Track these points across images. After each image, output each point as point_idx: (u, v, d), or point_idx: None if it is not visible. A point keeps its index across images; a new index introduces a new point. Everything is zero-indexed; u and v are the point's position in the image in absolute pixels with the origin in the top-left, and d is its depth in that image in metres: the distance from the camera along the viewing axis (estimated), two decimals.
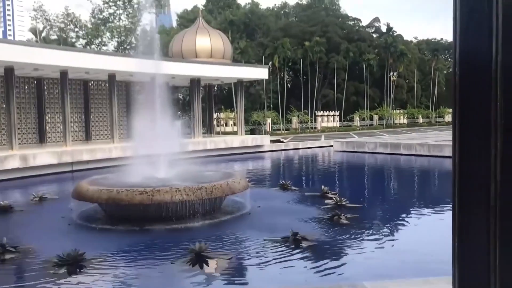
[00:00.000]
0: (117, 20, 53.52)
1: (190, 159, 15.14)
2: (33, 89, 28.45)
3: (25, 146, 26.38)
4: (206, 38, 36.90)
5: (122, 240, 9.77)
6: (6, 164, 20.86)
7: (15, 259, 8.50)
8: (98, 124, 32.06)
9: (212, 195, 10.93)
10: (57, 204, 14.08)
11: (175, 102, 31.79)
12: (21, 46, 24.00)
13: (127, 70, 26.90)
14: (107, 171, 17.03)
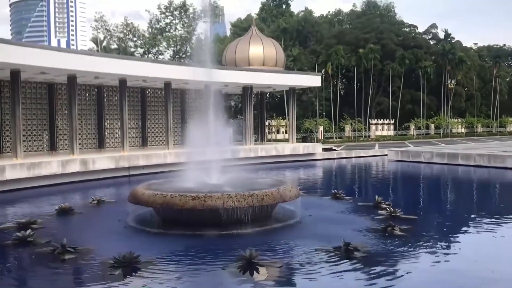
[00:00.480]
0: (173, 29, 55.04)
1: (241, 166, 15.26)
2: (94, 96, 29.72)
3: (85, 151, 27.55)
4: (259, 46, 37.23)
5: (175, 244, 9.97)
6: (68, 168, 21.86)
7: (74, 259, 8.86)
8: (154, 130, 33.01)
9: (263, 202, 10.95)
10: (114, 207, 14.58)
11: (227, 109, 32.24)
12: (83, 55, 25.16)
13: (182, 78, 27.59)
14: (161, 176, 17.52)
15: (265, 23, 69.02)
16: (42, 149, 27.56)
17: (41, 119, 27.44)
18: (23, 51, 20.57)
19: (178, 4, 54.02)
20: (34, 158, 22.19)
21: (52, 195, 18.99)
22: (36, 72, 23.29)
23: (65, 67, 22.33)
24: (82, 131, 28.80)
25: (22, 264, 9.38)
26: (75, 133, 24.47)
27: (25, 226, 11.32)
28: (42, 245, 9.83)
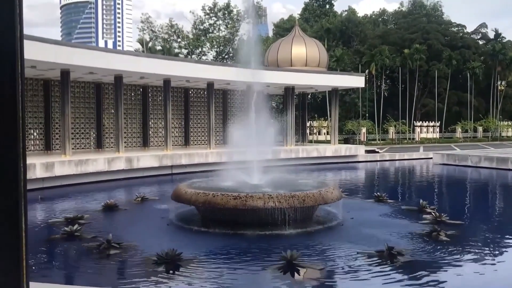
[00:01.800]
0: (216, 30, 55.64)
1: (282, 166, 15.24)
2: (139, 96, 30.44)
3: (130, 149, 28.25)
4: (301, 47, 37.06)
5: (216, 243, 10.06)
6: (113, 166, 22.49)
7: (118, 254, 9.10)
8: (196, 130, 33.47)
9: (304, 203, 10.89)
10: (158, 205, 14.88)
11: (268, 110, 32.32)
12: (130, 56, 25.81)
13: (224, 78, 27.85)
14: (203, 175, 17.73)
15: (308, 23, 68.66)
16: (89, 146, 28.46)
17: (88, 117, 28.35)
18: (73, 52, 21.32)
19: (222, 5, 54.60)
20: (81, 155, 22.96)
21: (98, 191, 19.57)
22: (84, 72, 24.08)
23: (112, 67, 22.98)
24: (128, 129, 29.54)
25: (70, 257, 9.71)
26: (121, 131, 25.13)
27: (73, 221, 11.71)
28: (89, 240, 10.15)
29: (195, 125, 33.39)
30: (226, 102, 34.29)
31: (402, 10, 78.50)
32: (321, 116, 57.66)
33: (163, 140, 28.62)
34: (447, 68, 61.93)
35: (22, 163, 2.12)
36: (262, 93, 19.00)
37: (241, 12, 54.05)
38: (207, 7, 54.09)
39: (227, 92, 33.98)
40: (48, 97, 25.86)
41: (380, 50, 57.77)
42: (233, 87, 32.26)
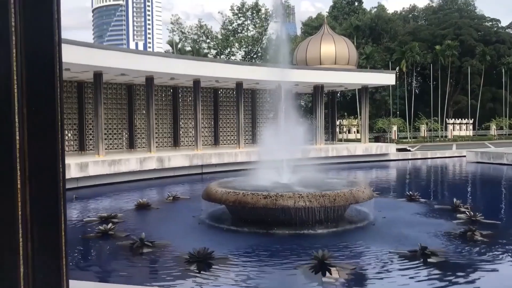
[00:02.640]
0: (245, 30, 55.77)
1: (312, 165, 15.16)
2: (169, 96, 30.83)
3: (161, 149, 28.64)
4: (330, 45, 36.79)
5: (247, 242, 10.10)
6: (145, 165, 22.86)
7: (151, 253, 9.25)
8: (226, 129, 33.66)
9: (335, 203, 10.82)
10: (189, 204, 15.04)
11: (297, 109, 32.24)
12: (160, 57, 26.16)
13: (253, 78, 27.92)
14: (233, 174, 17.82)
15: (337, 21, 68.07)
16: (122, 147, 28.99)
17: (120, 118, 28.89)
18: (105, 54, 21.77)
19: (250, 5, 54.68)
20: (114, 155, 23.42)
21: (130, 190, 19.93)
22: (116, 74, 24.54)
23: (143, 68, 23.35)
24: (159, 130, 29.96)
25: (104, 255, 9.93)
26: (152, 131, 25.52)
27: (107, 220, 11.96)
28: (122, 239, 10.35)
29: (224, 125, 33.59)
30: (255, 101, 34.36)
31: (433, 6, 76.94)
32: (351, 114, 57.08)
33: (193, 140, 28.91)
34: (480, 64, 60.37)
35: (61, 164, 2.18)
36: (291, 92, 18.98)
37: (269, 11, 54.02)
38: (236, 7, 54.30)
39: (256, 91, 34.04)
40: (82, 98, 26.48)
41: (410, 47, 56.77)
42: (262, 87, 32.29)
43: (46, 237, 2.12)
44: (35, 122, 2.04)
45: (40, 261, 2.07)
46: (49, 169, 2.12)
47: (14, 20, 1.96)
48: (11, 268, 1.99)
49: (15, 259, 1.98)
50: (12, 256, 1.97)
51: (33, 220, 2.03)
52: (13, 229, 1.97)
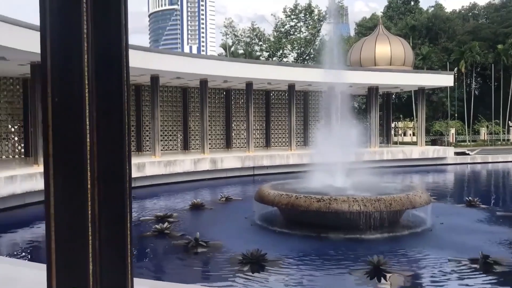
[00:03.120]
0: (297, 32, 55.60)
1: (366, 169, 14.88)
2: (222, 99, 31.24)
3: (214, 151, 29.06)
4: (385, 45, 36.01)
5: (300, 245, 10.04)
6: (199, 166, 23.28)
7: (205, 253, 9.39)
8: (277, 131, 33.68)
9: (391, 207, 10.55)
10: (241, 205, 15.16)
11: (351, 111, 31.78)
12: (214, 61, 26.57)
13: (306, 80, 27.77)
14: (284, 176, 17.80)
15: (392, 21, 66.50)
16: (177, 148, 29.68)
17: (176, 120, 29.58)
18: (162, 58, 22.36)
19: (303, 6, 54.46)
20: (169, 156, 23.99)
21: (184, 191, 20.35)
22: (172, 77, 25.15)
23: (198, 72, 23.80)
24: (212, 131, 30.43)
25: (160, 254, 10.18)
26: (205, 133, 25.95)
27: (162, 219, 12.27)
28: (177, 238, 10.57)
29: (276, 127, 33.62)
30: (307, 103, 34.17)
31: (495, 4, 73.49)
32: (407, 117, 55.54)
33: (245, 141, 29.14)
34: None
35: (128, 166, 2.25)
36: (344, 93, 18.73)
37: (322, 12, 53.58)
38: (288, 9, 54.23)
39: (308, 93, 33.85)
40: (139, 101, 27.32)
41: (470, 47, 54.52)
42: (314, 88, 32.07)
43: (112, 236, 2.19)
44: (104, 125, 2.11)
45: (107, 259, 2.13)
46: (116, 170, 2.18)
47: (86, 27, 2.04)
48: (81, 266, 2.06)
49: (85, 257, 2.06)
50: (82, 254, 2.05)
51: (100, 219, 2.11)
52: (83, 228, 2.05)
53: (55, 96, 2.01)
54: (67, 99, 2.01)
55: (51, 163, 2.02)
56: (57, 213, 2.06)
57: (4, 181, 14.41)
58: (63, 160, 2.03)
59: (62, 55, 2.02)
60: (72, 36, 2.01)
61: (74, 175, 2.03)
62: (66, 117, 2.02)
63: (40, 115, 18.35)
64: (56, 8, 2.01)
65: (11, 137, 23.82)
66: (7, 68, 19.93)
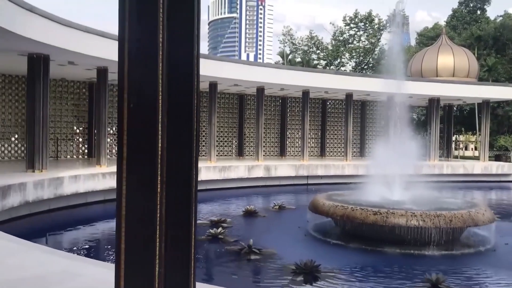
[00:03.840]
0: (356, 41, 54.89)
1: (424, 182, 14.40)
2: (278, 106, 31.31)
3: (268, 158, 29.13)
4: (449, 56, 34.82)
5: (355, 258, 9.85)
6: (253, 173, 23.41)
7: (258, 260, 9.40)
8: (333, 141, 33.30)
9: (451, 224, 10.15)
10: (294, 214, 15.09)
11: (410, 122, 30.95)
12: (272, 69, 26.69)
13: (364, 89, 27.32)
14: (339, 187, 17.55)
15: (456, 31, 64.25)
16: (231, 154, 30.01)
17: (231, 127, 29.95)
18: (221, 65, 22.73)
19: (363, 15, 53.72)
20: (224, 162, 24.30)
21: (238, 197, 20.52)
22: (230, 84, 25.50)
23: (256, 79, 24.01)
24: (266, 139, 30.54)
25: (214, 259, 10.30)
26: (260, 140, 26.08)
27: (217, 224, 12.43)
28: (231, 243, 10.66)
29: (331, 136, 33.26)
30: (365, 113, 33.58)
31: None
32: (469, 130, 53.32)
33: (300, 150, 29.01)
34: None
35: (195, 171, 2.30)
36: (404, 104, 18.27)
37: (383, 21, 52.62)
38: (348, 18, 53.66)
39: (366, 103, 33.28)
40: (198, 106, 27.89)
41: None
42: (373, 98, 31.48)
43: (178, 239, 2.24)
44: (174, 131, 2.17)
45: (172, 262, 2.19)
46: (184, 175, 2.24)
47: (161, 36, 2.11)
48: (148, 267, 2.13)
49: (152, 258, 2.12)
50: (150, 256, 2.11)
51: (167, 223, 2.16)
52: (151, 230, 2.12)
53: (130, 102, 2.09)
54: (142, 105, 2.09)
55: (125, 166, 2.10)
56: (128, 215, 2.14)
57: (68, 180, 15.12)
58: (135, 164, 2.10)
59: (139, 62, 2.10)
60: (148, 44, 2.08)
61: (146, 178, 2.10)
62: (140, 123, 2.09)
63: (104, 118, 19.21)
64: (134, 18, 2.09)
65: (75, 138, 25.00)
66: (75, 72, 20.95)
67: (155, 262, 2.11)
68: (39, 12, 13.82)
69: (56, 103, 23.69)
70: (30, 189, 13.22)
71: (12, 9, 12.49)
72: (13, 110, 22.37)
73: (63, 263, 5.50)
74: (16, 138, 22.49)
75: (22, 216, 13.36)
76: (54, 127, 23.35)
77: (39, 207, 14.20)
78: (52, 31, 14.50)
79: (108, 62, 17.58)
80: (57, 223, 13.97)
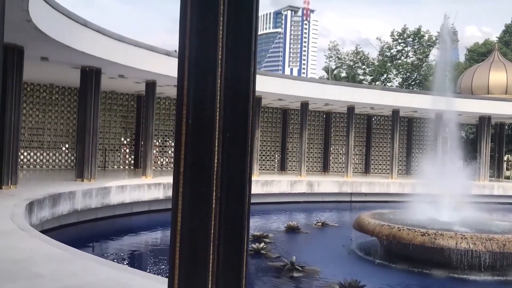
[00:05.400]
0: (404, 56, 53.90)
1: (474, 203, 13.88)
2: (322, 122, 31.09)
3: (311, 173, 28.89)
4: (501, 73, 33.62)
5: (400, 279, 9.58)
6: (295, 188, 23.25)
7: (301, 277, 9.27)
8: (377, 158, 32.68)
9: (505, 248, 9.68)
10: (337, 232, 14.85)
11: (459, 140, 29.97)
12: (316, 84, 26.62)
13: (411, 106, 26.75)
14: (383, 205, 17.15)
15: (508, 47, 62.09)
16: (273, 168, 29.97)
17: (274, 141, 29.96)
18: (265, 80, 22.83)
19: (412, 31, 52.74)
20: (267, 176, 24.27)
21: (280, 212, 20.41)
22: (274, 99, 25.58)
23: (300, 94, 23.97)
24: (309, 154, 30.32)
25: (256, 274, 10.23)
26: (303, 155, 25.93)
27: (259, 238, 12.38)
28: (273, 259, 10.59)
29: (376, 153, 32.65)
30: (411, 130, 32.80)
31: None
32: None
33: (343, 166, 28.62)
34: None
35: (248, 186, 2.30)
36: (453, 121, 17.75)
37: (432, 37, 51.44)
38: (396, 33, 52.82)
39: (413, 120, 32.52)
40: None
41: None
42: (420, 115, 30.75)
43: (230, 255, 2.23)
44: (230, 147, 2.18)
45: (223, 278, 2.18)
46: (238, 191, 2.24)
47: (221, 53, 2.13)
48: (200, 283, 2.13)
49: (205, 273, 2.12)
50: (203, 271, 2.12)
51: (220, 238, 2.16)
52: (205, 245, 2.12)
53: (189, 118, 2.11)
54: (200, 121, 2.10)
55: (181, 181, 2.12)
56: (183, 230, 2.15)
57: (115, 190, 15.51)
58: (192, 179, 2.11)
59: (198, 79, 2.12)
60: (208, 61, 2.11)
61: (201, 193, 2.10)
62: (198, 139, 2.11)
63: (151, 130, 19.66)
64: (194, 35, 2.12)
65: (123, 149, 25.69)
66: (124, 85, 21.60)
67: (207, 278, 2.12)
68: (93, 27, 14.38)
69: (106, 115, 24.47)
70: (79, 198, 13.64)
71: (68, 24, 13.05)
72: (65, 120, 23.26)
73: (112, 273, 5.61)
74: (66, 148, 23.34)
75: (71, 224, 13.78)
76: (102, 137, 24.10)
77: (87, 215, 14.61)
78: (104, 45, 15.05)
79: (156, 75, 18.04)
80: (103, 231, 14.33)
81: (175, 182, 2.13)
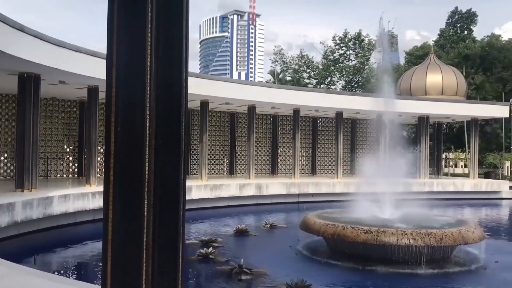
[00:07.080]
0: (346, 60, 55.48)
1: (414, 200, 14.47)
2: (269, 125, 31.41)
3: (260, 176, 29.09)
4: (437, 75, 35.29)
5: (345, 277, 9.83)
6: (244, 191, 23.34)
7: (249, 280, 9.33)
8: (323, 159, 33.39)
9: (442, 242, 10.17)
10: (285, 233, 15.04)
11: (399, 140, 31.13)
12: (263, 87, 26.87)
13: (354, 108, 27.54)
14: (330, 205, 17.55)
15: (444, 50, 65.22)
16: (223, 172, 29.94)
17: (223, 145, 29.95)
18: (212, 84, 22.83)
19: (352, 35, 54.41)
20: (216, 180, 24.22)
21: (229, 215, 20.41)
22: (221, 103, 25.58)
23: (247, 98, 24.11)
24: (258, 157, 30.53)
25: (204, 279, 10.20)
26: (252, 159, 26.07)
27: (207, 243, 12.34)
28: (222, 263, 10.58)
29: (322, 154, 33.36)
30: (355, 131, 33.78)
31: None
32: (458, 148, 53.75)
33: (291, 168, 29.03)
34: None
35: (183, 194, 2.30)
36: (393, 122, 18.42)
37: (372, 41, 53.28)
38: (338, 38, 54.31)
39: (356, 121, 33.50)
40: (189, 125, 27.89)
41: None
42: (362, 116, 31.73)
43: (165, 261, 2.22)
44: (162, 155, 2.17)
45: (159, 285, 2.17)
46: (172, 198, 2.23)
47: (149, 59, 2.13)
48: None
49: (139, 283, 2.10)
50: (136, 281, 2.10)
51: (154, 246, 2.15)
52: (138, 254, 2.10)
53: (117, 125, 2.09)
54: (129, 128, 2.09)
55: (111, 189, 2.09)
56: (114, 239, 2.12)
57: (58, 199, 14.98)
58: (122, 188, 2.09)
59: (126, 86, 2.10)
60: (136, 68, 2.10)
61: (133, 202, 2.09)
62: (127, 146, 2.09)
63: (95, 137, 19.13)
64: (122, 41, 2.11)
65: (66, 157, 24.83)
66: (66, 91, 20.91)
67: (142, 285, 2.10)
68: (30, 32, 13.83)
69: (47, 122, 23.58)
70: (19, 209, 13.06)
71: (2, 28, 12.49)
72: (3, 129, 22.21)
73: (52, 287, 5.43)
74: (5, 157, 22.29)
75: (10, 237, 13.17)
76: (44, 146, 23.21)
77: (28, 227, 14.02)
78: (43, 50, 14.51)
79: (99, 81, 17.57)
80: (46, 243, 13.80)
81: (105, 191, 2.10)
